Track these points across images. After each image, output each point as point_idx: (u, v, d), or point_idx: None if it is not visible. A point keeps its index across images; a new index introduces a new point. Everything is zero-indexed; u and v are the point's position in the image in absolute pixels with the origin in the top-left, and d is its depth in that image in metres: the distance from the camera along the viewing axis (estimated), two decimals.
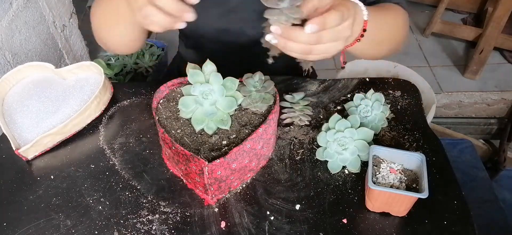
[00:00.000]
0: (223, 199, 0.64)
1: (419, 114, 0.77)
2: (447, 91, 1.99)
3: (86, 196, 0.65)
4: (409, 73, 1.36)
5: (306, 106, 0.77)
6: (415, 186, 0.60)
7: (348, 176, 0.67)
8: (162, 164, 0.70)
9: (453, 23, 2.17)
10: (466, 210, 0.62)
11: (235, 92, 0.66)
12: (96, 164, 0.70)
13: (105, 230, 0.61)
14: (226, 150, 0.61)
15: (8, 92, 0.80)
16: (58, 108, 0.76)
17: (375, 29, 0.65)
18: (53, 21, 1.19)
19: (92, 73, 0.82)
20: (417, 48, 2.23)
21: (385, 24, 0.70)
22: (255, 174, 0.68)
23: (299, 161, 0.69)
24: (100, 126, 0.77)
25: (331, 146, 0.67)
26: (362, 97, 0.74)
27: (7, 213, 0.64)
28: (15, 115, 0.76)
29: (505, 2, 1.85)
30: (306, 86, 0.83)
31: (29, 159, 0.71)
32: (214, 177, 0.60)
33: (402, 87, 0.82)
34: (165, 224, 0.61)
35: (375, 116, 0.72)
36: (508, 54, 2.13)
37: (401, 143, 0.72)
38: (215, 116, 0.65)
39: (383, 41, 0.72)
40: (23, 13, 1.05)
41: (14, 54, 1.01)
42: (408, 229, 0.60)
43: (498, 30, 1.94)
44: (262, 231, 0.60)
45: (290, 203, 0.63)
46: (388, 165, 0.63)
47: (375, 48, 0.72)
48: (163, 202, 0.64)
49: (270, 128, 0.65)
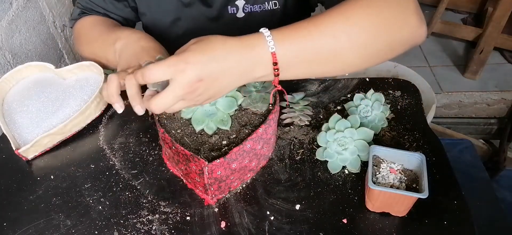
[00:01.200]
0: (223, 199, 0.64)
1: (419, 114, 0.77)
2: (447, 91, 1.99)
3: (86, 196, 0.65)
4: (409, 73, 1.36)
5: (306, 106, 0.77)
6: (415, 186, 0.60)
7: (348, 176, 0.67)
8: (162, 164, 0.70)
9: (453, 23, 2.17)
10: (466, 210, 0.62)
11: (235, 92, 0.67)
12: (96, 164, 0.70)
13: (105, 230, 0.61)
14: (226, 150, 0.61)
15: (8, 92, 0.80)
16: (58, 108, 0.76)
17: (302, 49, 0.55)
18: (53, 21, 1.19)
19: (92, 73, 0.82)
20: (417, 48, 2.23)
21: (314, 38, 0.55)
22: (255, 174, 0.68)
23: (299, 161, 0.69)
24: (100, 126, 0.77)
25: (331, 146, 0.67)
26: (362, 97, 0.74)
27: (7, 213, 0.64)
28: (15, 115, 0.76)
29: (505, 2, 1.85)
30: (306, 86, 0.83)
31: (29, 159, 0.71)
32: (214, 177, 0.60)
33: (402, 87, 0.82)
34: (165, 224, 0.61)
35: (375, 117, 0.72)
36: (508, 54, 2.13)
37: (401, 143, 0.72)
38: (215, 116, 0.65)
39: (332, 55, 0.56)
40: (23, 13, 1.05)
41: (14, 54, 1.01)
42: (408, 229, 0.60)
43: (498, 30, 1.94)
44: (262, 231, 0.60)
45: (290, 203, 0.63)
46: (388, 165, 0.63)
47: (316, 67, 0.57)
48: (163, 202, 0.64)
49: (270, 128, 0.65)
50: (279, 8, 0.86)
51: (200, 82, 0.52)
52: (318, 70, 0.58)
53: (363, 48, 0.56)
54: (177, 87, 0.52)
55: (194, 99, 0.54)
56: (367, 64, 0.59)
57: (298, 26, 0.56)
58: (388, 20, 0.56)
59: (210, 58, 0.52)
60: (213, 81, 0.53)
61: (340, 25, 0.55)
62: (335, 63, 0.57)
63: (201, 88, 0.53)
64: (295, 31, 0.55)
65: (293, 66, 0.55)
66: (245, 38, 0.54)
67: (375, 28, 0.56)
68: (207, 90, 0.54)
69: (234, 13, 0.86)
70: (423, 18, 0.59)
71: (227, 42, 0.53)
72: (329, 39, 0.55)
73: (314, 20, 0.56)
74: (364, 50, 0.57)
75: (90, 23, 0.88)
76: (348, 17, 0.55)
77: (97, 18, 0.89)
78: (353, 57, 0.57)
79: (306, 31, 0.55)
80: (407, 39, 0.59)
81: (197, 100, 0.55)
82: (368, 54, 0.58)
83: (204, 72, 0.52)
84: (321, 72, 0.59)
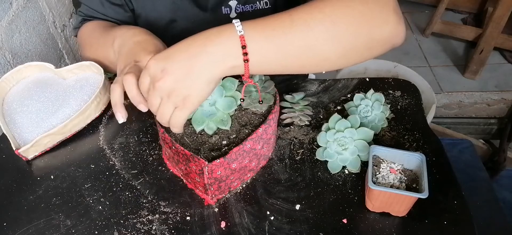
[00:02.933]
0: (223, 199, 0.64)
1: (419, 114, 0.77)
2: (447, 91, 1.99)
3: (86, 196, 0.65)
4: (409, 73, 1.36)
5: (306, 106, 0.77)
6: (415, 186, 0.60)
7: (348, 176, 0.67)
8: (162, 164, 0.70)
9: (453, 23, 2.17)
10: (466, 210, 0.62)
11: (234, 92, 0.66)
12: (96, 164, 0.70)
13: (105, 230, 0.61)
14: (226, 150, 0.61)
15: (8, 92, 0.80)
16: (58, 108, 0.76)
17: (273, 38, 0.53)
18: (53, 21, 1.19)
19: (92, 73, 0.82)
20: (417, 48, 2.23)
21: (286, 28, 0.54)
22: (255, 174, 0.68)
23: (299, 161, 0.69)
24: (100, 126, 0.77)
25: (331, 146, 0.67)
26: (362, 97, 0.74)
27: (7, 213, 0.64)
28: (15, 115, 0.76)
29: (505, 2, 1.85)
30: (306, 86, 0.83)
31: (29, 159, 0.71)
32: (214, 177, 0.60)
33: (402, 87, 0.82)
34: (165, 224, 0.61)
35: (375, 117, 0.72)
36: (508, 54, 2.13)
37: (401, 143, 0.72)
38: (215, 116, 0.65)
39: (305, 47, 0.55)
40: (23, 13, 1.05)
41: (14, 54, 1.01)
42: (408, 229, 0.60)
43: (498, 30, 1.94)
44: (262, 231, 0.60)
45: (290, 203, 0.63)
46: (388, 165, 0.63)
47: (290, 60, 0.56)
48: (163, 202, 0.64)
49: (270, 128, 0.65)
50: (270, 7, 0.86)
51: (164, 72, 0.53)
52: (292, 62, 0.56)
53: (338, 42, 0.55)
54: (146, 70, 0.55)
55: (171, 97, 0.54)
56: (343, 61, 0.57)
57: (272, 16, 0.54)
58: (366, 15, 0.55)
59: (174, 50, 0.54)
60: (181, 72, 0.53)
61: (315, 15, 0.54)
62: (309, 56, 0.55)
63: (169, 80, 0.53)
64: (267, 20, 0.54)
65: (265, 55, 0.54)
66: (214, 28, 0.54)
67: (351, 22, 0.54)
68: (178, 82, 0.53)
69: (227, 13, 0.87)
70: (402, 18, 0.58)
71: (195, 35, 0.54)
72: (303, 28, 0.53)
73: (288, 11, 0.55)
74: (339, 45, 0.55)
75: (90, 29, 0.88)
76: (323, 8, 0.54)
77: (97, 22, 0.89)
78: (328, 51, 0.55)
79: (279, 20, 0.54)
80: (386, 38, 0.57)
81: (176, 100, 0.54)
82: (344, 49, 0.56)
83: (167, 63, 0.53)
84: (296, 65, 0.56)
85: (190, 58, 0.52)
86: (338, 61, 0.57)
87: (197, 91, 0.54)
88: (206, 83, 0.54)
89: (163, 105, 0.56)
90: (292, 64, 0.56)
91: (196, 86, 0.54)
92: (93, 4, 0.88)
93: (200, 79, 0.53)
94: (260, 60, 0.54)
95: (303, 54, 0.55)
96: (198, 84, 0.54)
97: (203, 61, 0.52)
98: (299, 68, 0.57)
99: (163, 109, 0.56)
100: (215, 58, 0.53)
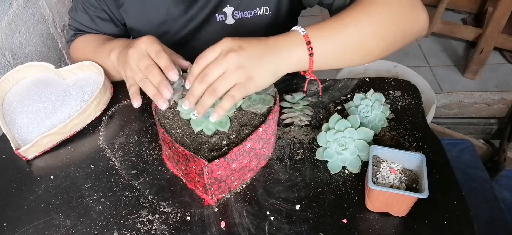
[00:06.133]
0: (223, 199, 0.64)
1: (419, 114, 0.77)
2: (447, 91, 1.99)
3: (86, 196, 0.65)
4: (409, 73, 1.36)
5: (306, 106, 0.77)
6: (415, 186, 0.60)
7: (348, 176, 0.67)
8: (162, 164, 0.70)
9: (453, 23, 2.17)
10: (466, 210, 0.62)
11: None
12: (96, 164, 0.70)
13: (105, 230, 0.61)
14: (226, 150, 0.61)
15: (8, 92, 0.80)
16: (58, 108, 0.76)
17: (331, 37, 0.63)
18: (53, 21, 1.19)
19: (92, 73, 0.82)
20: (417, 48, 2.23)
21: (340, 29, 0.64)
22: (255, 174, 0.68)
23: (299, 161, 0.69)
24: (100, 126, 0.77)
25: (331, 146, 0.67)
26: (362, 97, 0.74)
27: (7, 213, 0.64)
28: (15, 115, 0.76)
29: (505, 2, 1.85)
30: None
31: (29, 159, 0.71)
32: (214, 177, 0.60)
33: (402, 87, 0.82)
34: (165, 224, 0.61)
35: (375, 117, 0.72)
36: (508, 54, 2.13)
37: (401, 143, 0.72)
38: None
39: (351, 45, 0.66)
40: (23, 13, 1.05)
41: (14, 54, 1.01)
42: (408, 229, 0.60)
43: (498, 30, 1.94)
44: (262, 231, 0.60)
45: (290, 203, 0.63)
46: (388, 165, 0.63)
47: (344, 55, 0.66)
48: (163, 202, 0.64)
49: (270, 128, 0.65)
50: (270, 13, 0.85)
51: (241, 48, 0.58)
52: (345, 57, 0.66)
53: (381, 40, 0.66)
54: (220, 44, 0.60)
55: (237, 71, 0.58)
56: (384, 53, 0.69)
57: (325, 21, 0.64)
58: (403, 16, 0.68)
59: (249, 39, 0.61)
60: (257, 54, 0.59)
61: (364, 18, 0.65)
62: (359, 52, 0.66)
63: (244, 55, 0.58)
64: (322, 24, 0.64)
65: (326, 51, 0.63)
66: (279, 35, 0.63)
67: (392, 22, 0.67)
68: (251, 60, 0.58)
69: (222, 20, 0.85)
70: (427, 13, 0.71)
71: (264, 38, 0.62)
72: (354, 28, 0.64)
73: (337, 16, 0.65)
74: (382, 41, 0.67)
75: (84, 42, 0.89)
76: (369, 12, 0.65)
77: (90, 35, 0.90)
78: (374, 47, 0.67)
79: (333, 24, 0.64)
80: (417, 33, 0.70)
81: (241, 76, 0.58)
82: (386, 44, 0.67)
83: (245, 43, 0.59)
84: (348, 60, 0.67)
85: (265, 48, 0.60)
86: (380, 54, 0.68)
87: (262, 77, 0.60)
88: (271, 73, 0.61)
89: (224, 77, 0.59)
90: (345, 59, 0.66)
91: (263, 72, 0.60)
92: (83, 20, 0.89)
93: (268, 66, 0.60)
94: (322, 54, 0.62)
95: (354, 50, 0.66)
96: (266, 71, 0.60)
97: (275, 53, 0.61)
98: (350, 62, 0.68)
99: (222, 81, 0.59)
100: (285, 54, 0.61)
